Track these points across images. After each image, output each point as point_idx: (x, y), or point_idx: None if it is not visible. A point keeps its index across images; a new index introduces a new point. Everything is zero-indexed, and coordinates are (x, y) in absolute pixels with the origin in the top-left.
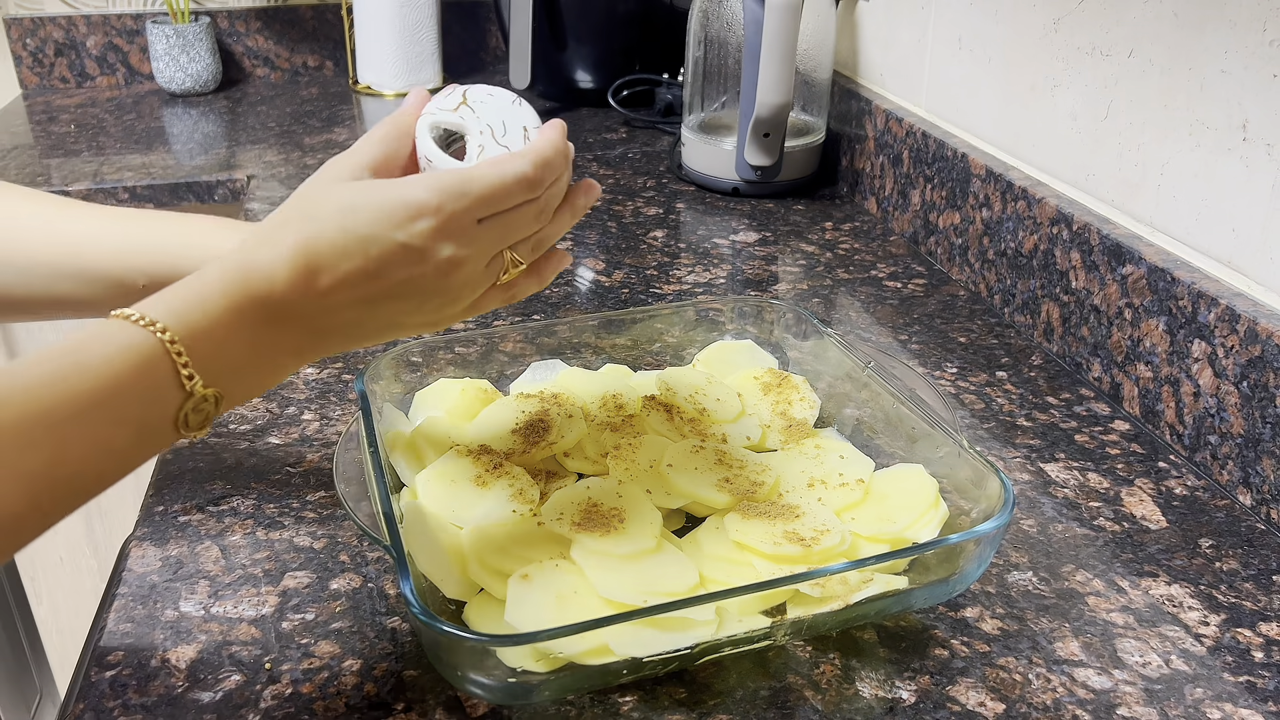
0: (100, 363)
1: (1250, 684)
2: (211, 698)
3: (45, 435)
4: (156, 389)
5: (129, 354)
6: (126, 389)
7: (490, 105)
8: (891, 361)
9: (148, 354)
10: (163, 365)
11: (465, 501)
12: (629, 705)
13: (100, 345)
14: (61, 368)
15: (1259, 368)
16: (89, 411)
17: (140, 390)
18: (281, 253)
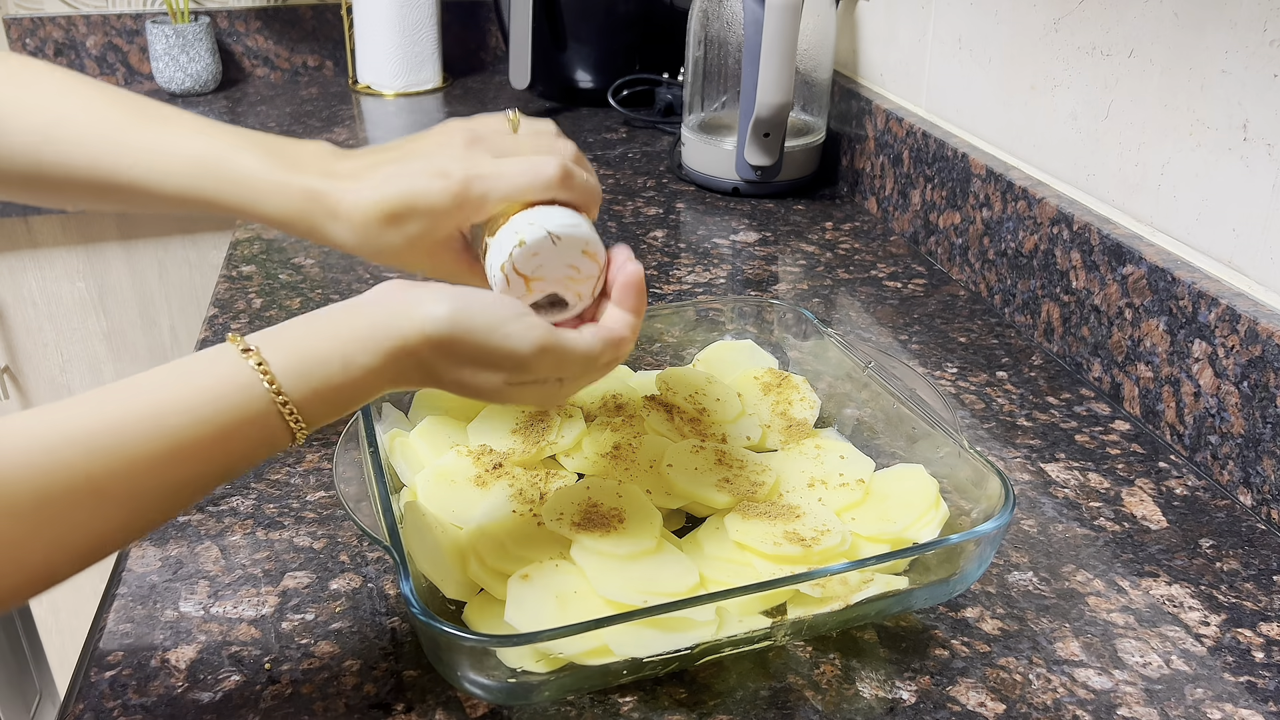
0: (209, 409)
1: (1251, 684)
2: (211, 698)
3: (137, 481)
4: (262, 441)
5: (240, 409)
6: (231, 437)
7: (560, 248)
8: (892, 361)
9: (259, 411)
10: (272, 421)
11: (465, 501)
12: (629, 705)
13: (210, 383)
14: (163, 404)
15: (1259, 368)
16: (186, 455)
17: (242, 440)
18: (429, 321)
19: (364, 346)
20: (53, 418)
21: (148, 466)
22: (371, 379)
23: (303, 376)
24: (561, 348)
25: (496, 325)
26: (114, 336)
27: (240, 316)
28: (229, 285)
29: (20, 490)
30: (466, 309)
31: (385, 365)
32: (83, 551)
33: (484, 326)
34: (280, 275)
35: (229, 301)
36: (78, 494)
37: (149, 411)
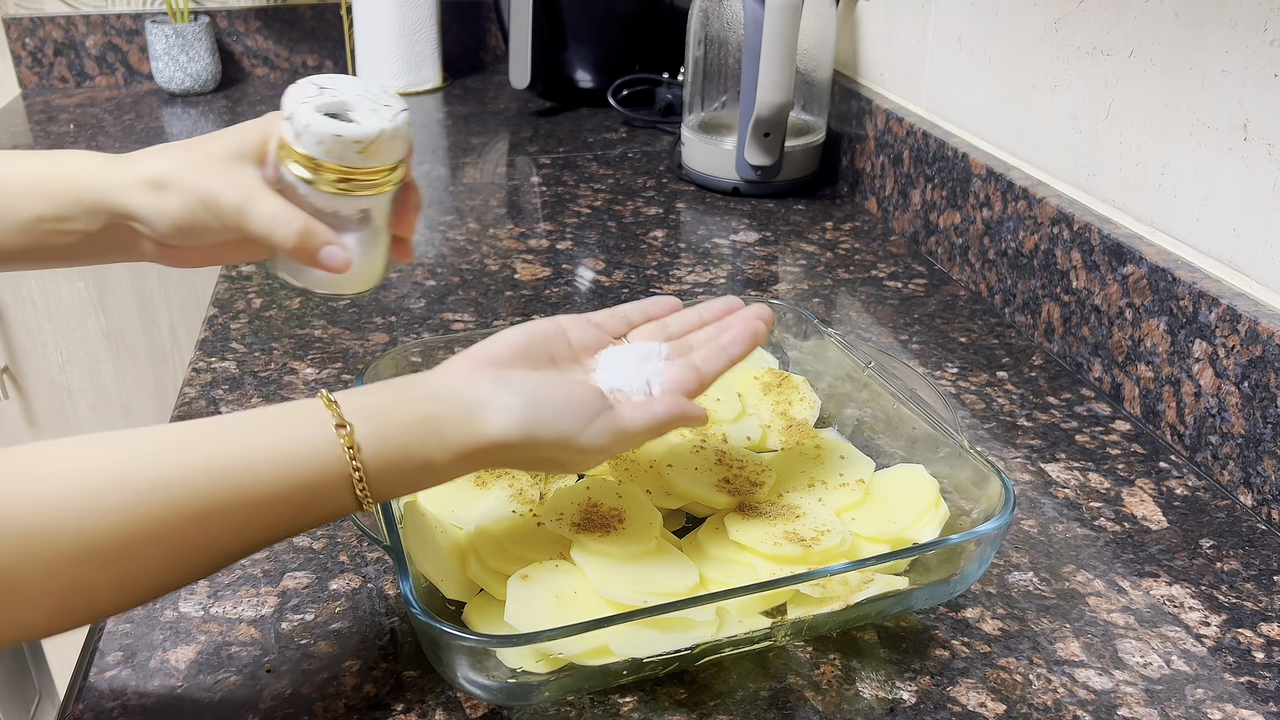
0: (289, 470)
1: (1251, 684)
2: (211, 698)
3: (198, 525)
4: (329, 510)
5: (319, 475)
6: (302, 501)
7: (341, 81)
8: (892, 361)
9: (336, 482)
10: (344, 494)
11: (465, 501)
12: (629, 706)
13: (294, 447)
14: (237, 458)
15: (1260, 368)
16: (250, 507)
17: (311, 505)
18: (503, 433)
19: (443, 447)
20: (127, 461)
21: (213, 518)
22: (442, 475)
23: (384, 464)
24: (630, 432)
25: (570, 437)
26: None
27: (240, 316)
28: (229, 285)
29: (78, 534)
30: (536, 421)
31: (458, 465)
32: (123, 598)
33: (555, 439)
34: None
35: (229, 301)
36: (135, 541)
37: (230, 464)
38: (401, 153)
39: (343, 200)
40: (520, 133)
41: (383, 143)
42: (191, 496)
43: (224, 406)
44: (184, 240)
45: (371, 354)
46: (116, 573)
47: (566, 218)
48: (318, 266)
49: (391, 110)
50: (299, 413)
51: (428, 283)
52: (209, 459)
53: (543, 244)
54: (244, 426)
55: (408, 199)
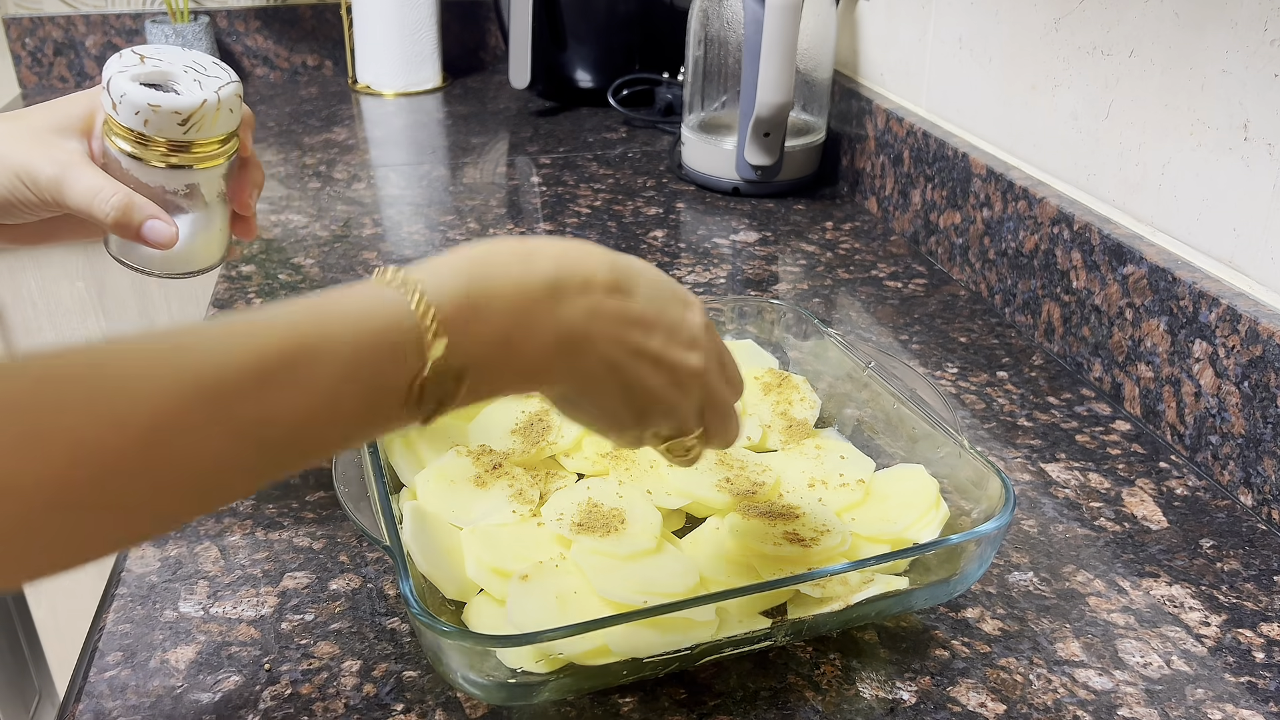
0: (339, 313)
1: (1251, 684)
2: (211, 698)
3: (265, 379)
4: (396, 348)
5: (374, 307)
6: (364, 342)
7: (167, 52)
8: (892, 361)
9: (394, 310)
10: (407, 321)
11: (465, 501)
12: (629, 706)
13: (344, 297)
14: (295, 314)
15: (1260, 368)
16: (316, 358)
17: (378, 344)
18: (598, 254)
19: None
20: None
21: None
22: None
23: (439, 287)
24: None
25: (651, 267)
26: None
27: None
28: (228, 285)
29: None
30: (621, 256)
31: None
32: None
33: (642, 264)
34: (279, 275)
35: (228, 301)
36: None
37: (269, 314)
38: (232, 126)
39: (167, 175)
40: (520, 133)
41: (206, 115)
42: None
43: None
44: (5, 217)
45: None
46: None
47: (566, 218)
48: (142, 242)
49: (218, 82)
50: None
51: None
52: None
53: None
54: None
55: (247, 175)
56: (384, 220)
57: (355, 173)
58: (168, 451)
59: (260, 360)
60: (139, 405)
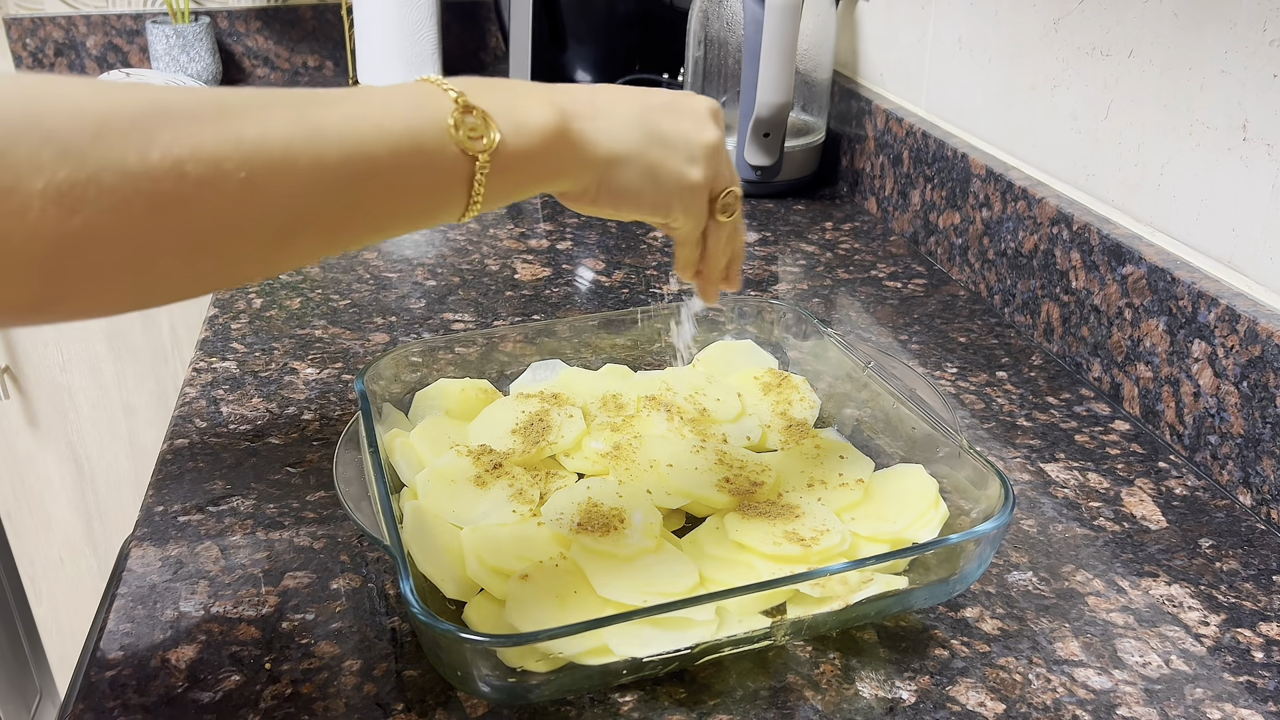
0: (364, 89)
1: (1250, 684)
2: (211, 698)
3: (313, 137)
4: (422, 97)
5: (392, 86)
6: (393, 98)
7: (149, 74)
8: (891, 361)
9: (410, 84)
10: (425, 86)
11: (465, 501)
12: (629, 705)
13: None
14: (328, 90)
15: (1259, 368)
16: (359, 103)
17: (406, 99)
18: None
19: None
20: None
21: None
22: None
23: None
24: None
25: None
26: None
27: (240, 316)
28: None
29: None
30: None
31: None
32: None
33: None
34: (280, 275)
35: (229, 301)
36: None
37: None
38: None
39: None
40: None
41: None
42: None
43: (224, 406)
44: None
45: (372, 354)
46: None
47: (567, 217)
48: None
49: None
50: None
51: (428, 283)
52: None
53: (543, 244)
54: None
55: None
56: None
57: None
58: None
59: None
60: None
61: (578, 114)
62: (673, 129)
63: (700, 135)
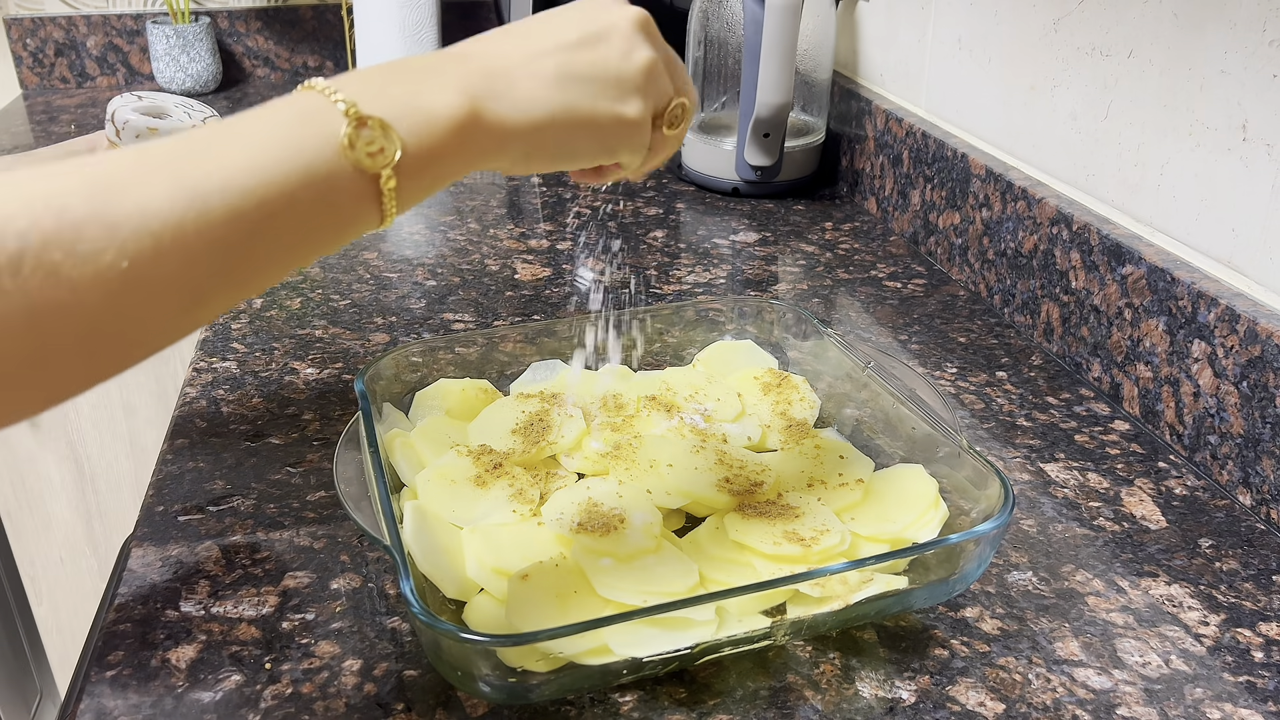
0: (250, 114)
1: (1250, 684)
2: (211, 698)
3: (195, 183)
4: (307, 116)
5: (277, 102)
6: (275, 124)
7: (161, 95)
8: (891, 361)
9: (295, 97)
10: (310, 99)
11: (465, 501)
12: (629, 705)
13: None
14: (209, 130)
15: (1259, 368)
16: (241, 144)
17: (292, 118)
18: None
19: (444, 88)
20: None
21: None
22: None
23: (384, 111)
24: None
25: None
26: None
27: (241, 316)
28: None
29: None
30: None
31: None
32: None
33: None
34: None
35: None
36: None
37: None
38: None
39: None
40: None
41: None
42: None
43: (224, 406)
44: None
45: (372, 354)
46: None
47: (567, 218)
48: None
49: (204, 114)
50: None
51: (428, 283)
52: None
53: (543, 244)
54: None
55: None
56: None
57: None
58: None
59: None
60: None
61: (489, 92)
62: (597, 65)
63: (629, 62)
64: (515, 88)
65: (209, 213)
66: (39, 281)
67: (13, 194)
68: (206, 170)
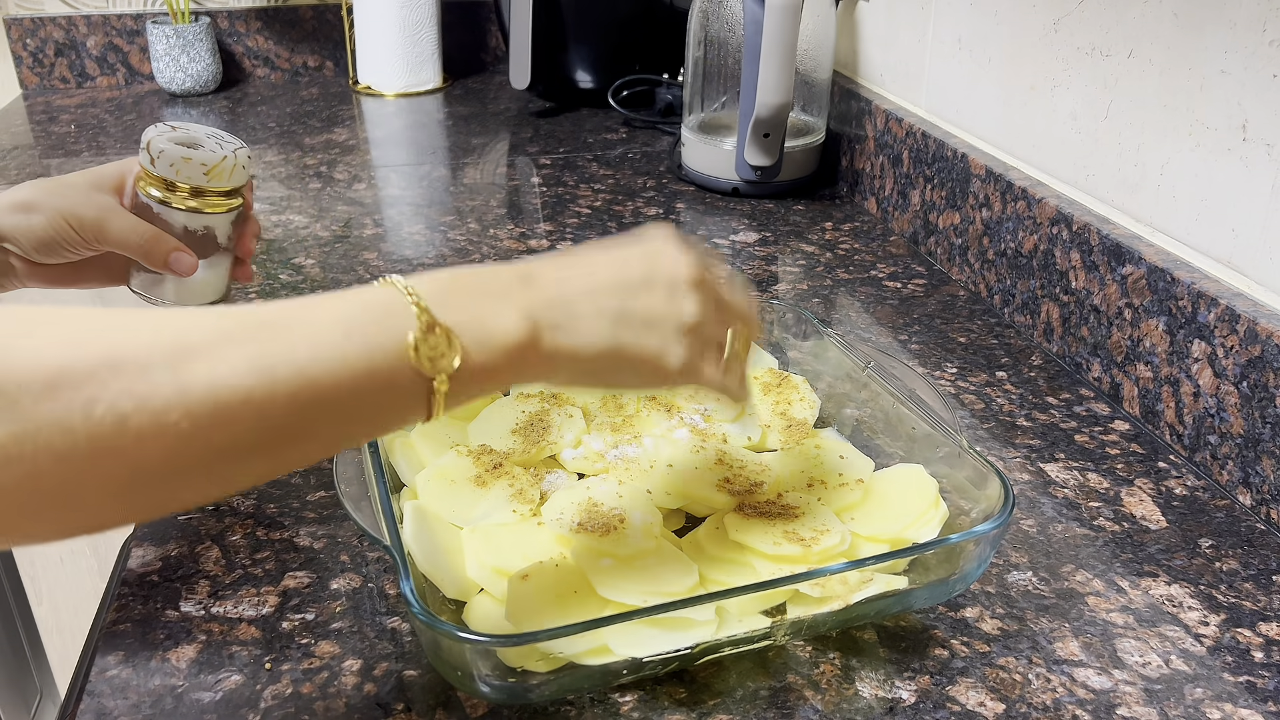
0: (328, 298)
1: (1250, 684)
2: (211, 698)
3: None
4: (385, 312)
5: (355, 291)
6: (353, 317)
7: (193, 126)
8: (891, 361)
9: (374, 290)
10: (390, 296)
11: (465, 501)
12: (629, 705)
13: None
14: (286, 309)
15: (1259, 368)
16: (315, 331)
17: (367, 318)
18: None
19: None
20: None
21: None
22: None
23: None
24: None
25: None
26: None
27: None
28: None
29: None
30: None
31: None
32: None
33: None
34: (280, 275)
35: (229, 301)
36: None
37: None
38: (241, 180)
39: (189, 217)
40: (520, 133)
41: (225, 168)
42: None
43: None
44: (48, 256)
45: None
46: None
47: (567, 218)
48: (167, 270)
49: (234, 145)
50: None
51: None
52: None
53: (543, 244)
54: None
55: (248, 227)
56: (385, 221)
57: (356, 173)
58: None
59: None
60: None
61: (550, 323)
62: (653, 311)
63: (678, 313)
64: (576, 321)
65: (275, 393)
66: (108, 427)
67: (99, 341)
68: (279, 351)
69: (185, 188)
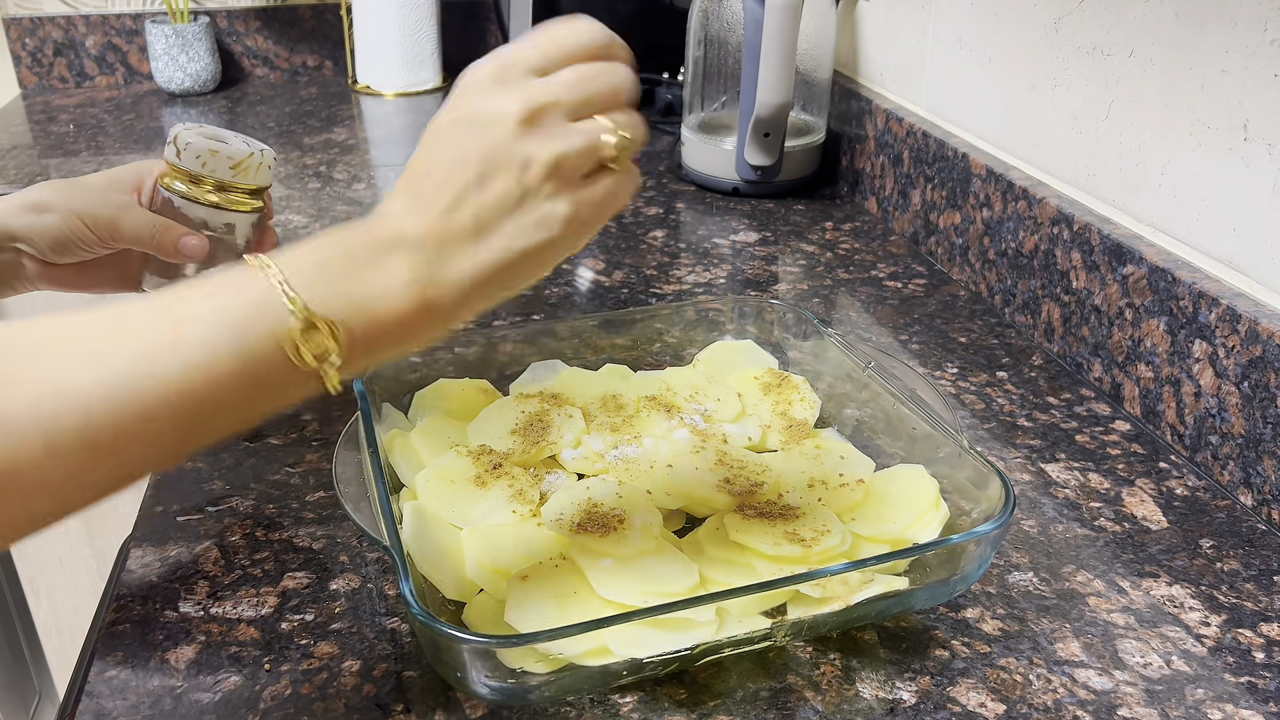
0: (196, 293)
1: (1251, 684)
2: (211, 698)
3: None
4: (259, 308)
5: (226, 281)
6: (226, 310)
7: (220, 130)
8: (892, 361)
9: (246, 281)
10: (261, 285)
11: (465, 501)
12: (629, 706)
13: (200, 283)
14: (156, 309)
15: (1260, 368)
16: (188, 329)
17: (241, 311)
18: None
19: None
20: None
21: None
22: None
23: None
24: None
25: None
26: None
27: None
28: None
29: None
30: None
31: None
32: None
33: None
34: None
35: None
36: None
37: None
38: (266, 180)
39: (210, 212)
40: None
41: (251, 164)
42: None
43: None
44: (61, 255)
45: None
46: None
47: None
48: (177, 256)
49: (260, 145)
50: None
51: None
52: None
53: None
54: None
55: (266, 236)
56: None
57: (355, 173)
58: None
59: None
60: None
61: (430, 279)
62: (503, 197)
63: (528, 177)
64: (449, 262)
65: (153, 405)
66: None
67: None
68: (152, 369)
69: (210, 182)
